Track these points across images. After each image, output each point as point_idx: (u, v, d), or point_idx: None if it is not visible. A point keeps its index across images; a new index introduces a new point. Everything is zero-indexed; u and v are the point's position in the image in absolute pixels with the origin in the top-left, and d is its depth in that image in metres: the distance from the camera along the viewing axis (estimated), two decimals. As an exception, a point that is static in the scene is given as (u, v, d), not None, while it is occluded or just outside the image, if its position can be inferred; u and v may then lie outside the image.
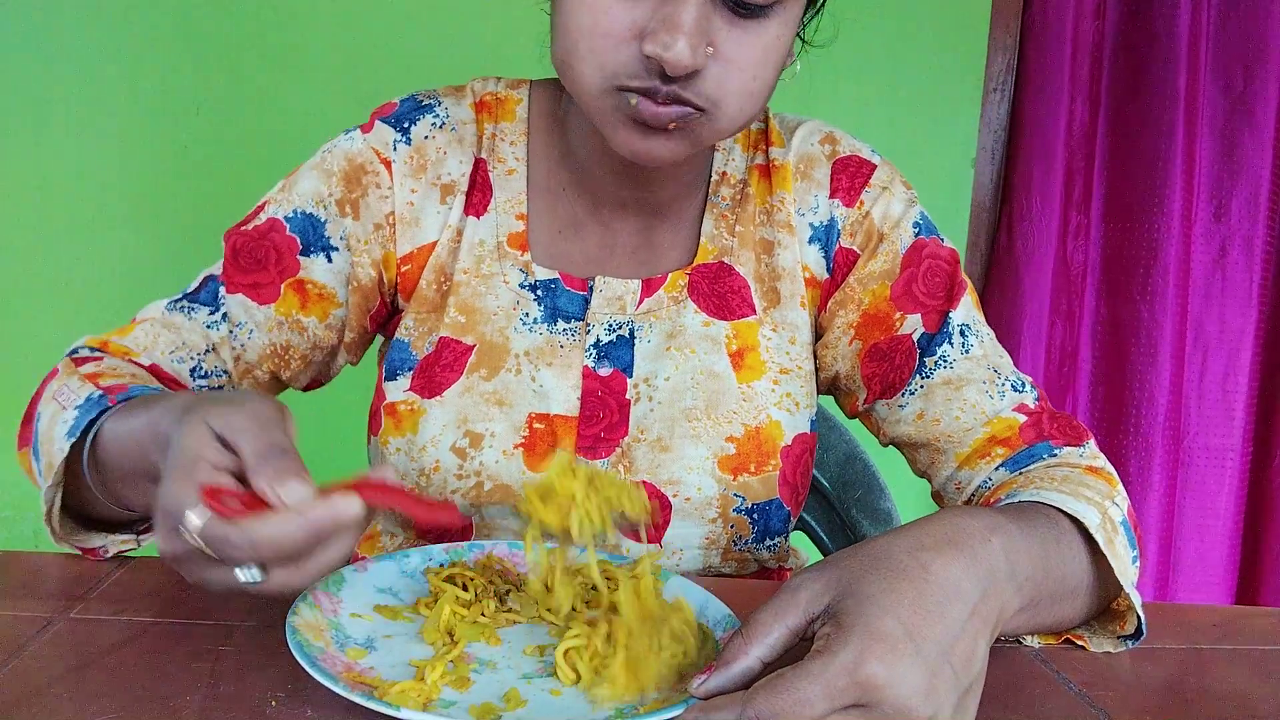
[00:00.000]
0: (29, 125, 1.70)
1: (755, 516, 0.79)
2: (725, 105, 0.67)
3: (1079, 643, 0.65)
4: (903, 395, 0.81)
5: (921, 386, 0.80)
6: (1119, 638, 0.65)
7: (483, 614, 0.61)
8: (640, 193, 0.81)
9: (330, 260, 0.80)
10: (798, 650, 0.49)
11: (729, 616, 0.60)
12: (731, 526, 0.79)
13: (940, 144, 1.91)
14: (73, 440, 0.63)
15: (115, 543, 0.70)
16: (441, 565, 0.66)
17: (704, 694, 0.48)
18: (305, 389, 0.87)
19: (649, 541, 0.78)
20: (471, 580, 0.63)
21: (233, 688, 0.52)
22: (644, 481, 0.78)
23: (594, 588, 0.65)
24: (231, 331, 0.79)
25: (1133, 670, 0.63)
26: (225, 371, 0.80)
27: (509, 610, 0.62)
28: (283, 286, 0.79)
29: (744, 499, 0.78)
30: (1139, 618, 0.63)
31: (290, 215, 0.79)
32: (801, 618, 0.49)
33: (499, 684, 0.54)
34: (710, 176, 0.85)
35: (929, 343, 0.80)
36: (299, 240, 0.79)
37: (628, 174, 0.79)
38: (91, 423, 0.63)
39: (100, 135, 1.70)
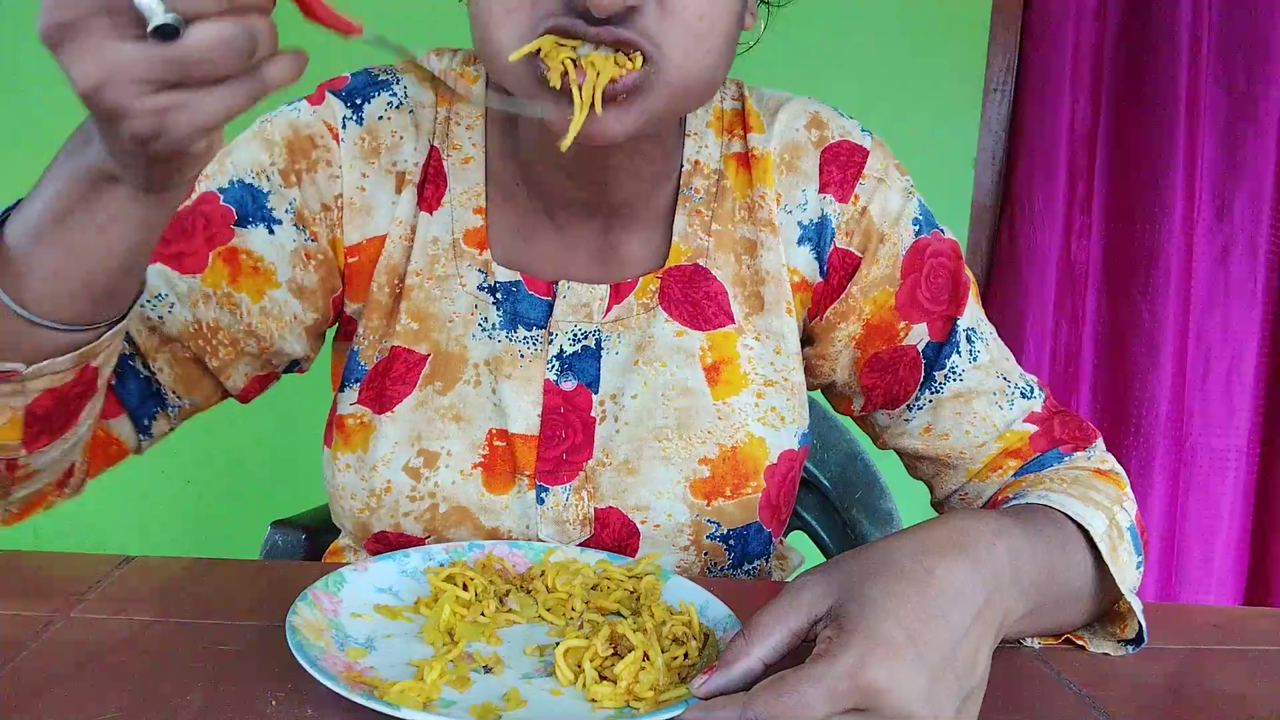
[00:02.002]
0: (29, 125, 1.70)
1: (732, 543, 0.75)
2: (670, 50, 0.60)
3: (1079, 643, 0.65)
4: (908, 409, 0.79)
5: (930, 400, 0.77)
6: (1119, 642, 0.65)
7: (483, 614, 0.61)
8: (595, 192, 0.73)
9: (272, 232, 0.72)
10: (799, 652, 0.49)
11: (729, 617, 0.60)
12: (705, 554, 0.75)
13: (940, 144, 1.91)
14: None
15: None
16: (441, 565, 0.66)
17: (705, 694, 0.48)
18: (245, 394, 0.76)
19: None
20: (471, 580, 0.63)
21: (233, 688, 0.52)
22: (610, 508, 0.73)
23: (595, 587, 0.65)
24: (149, 302, 0.69)
25: (1133, 670, 0.63)
26: (133, 344, 0.70)
27: (509, 610, 0.62)
28: (210, 255, 0.70)
29: (719, 525, 0.74)
30: (1140, 623, 0.63)
31: (225, 187, 0.71)
32: (804, 619, 0.49)
33: (499, 684, 0.54)
34: (681, 166, 0.77)
35: (936, 353, 0.77)
36: (234, 211, 0.71)
37: (578, 171, 0.71)
38: None
39: (101, 135, 1.69)
